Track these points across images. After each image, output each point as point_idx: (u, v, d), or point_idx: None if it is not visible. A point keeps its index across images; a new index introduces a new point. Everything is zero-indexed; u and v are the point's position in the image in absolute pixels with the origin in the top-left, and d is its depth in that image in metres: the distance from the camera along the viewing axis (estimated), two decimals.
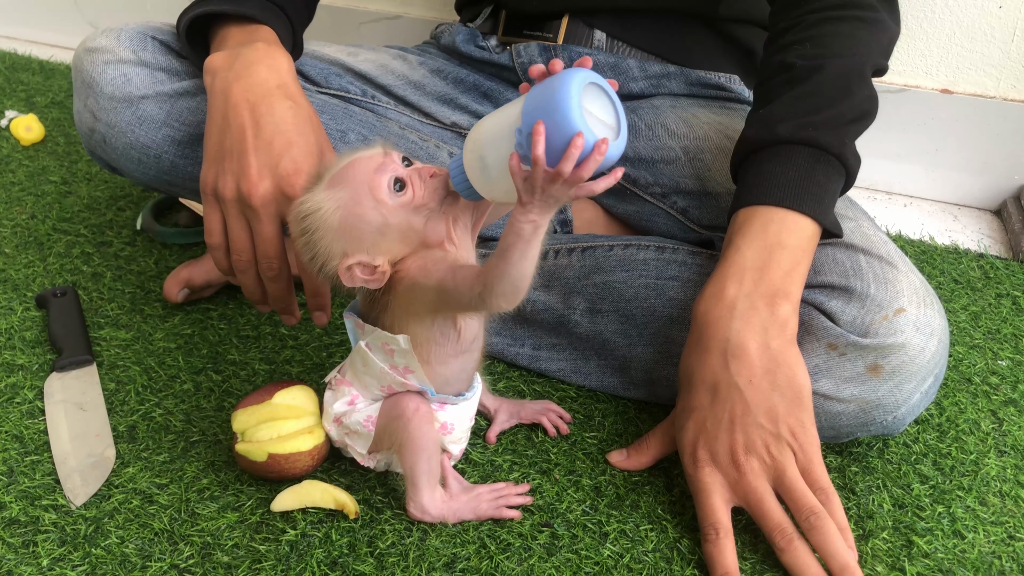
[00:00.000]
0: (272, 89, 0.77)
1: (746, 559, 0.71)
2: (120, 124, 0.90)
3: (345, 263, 0.66)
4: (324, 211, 0.66)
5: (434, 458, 0.73)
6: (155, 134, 0.90)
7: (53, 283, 1.05)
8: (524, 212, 0.58)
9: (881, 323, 0.73)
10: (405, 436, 0.72)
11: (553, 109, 0.56)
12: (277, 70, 0.79)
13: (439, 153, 1.01)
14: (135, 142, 0.90)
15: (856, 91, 0.80)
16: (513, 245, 0.59)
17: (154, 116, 0.90)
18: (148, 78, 0.90)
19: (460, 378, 0.74)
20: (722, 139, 0.96)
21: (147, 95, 0.90)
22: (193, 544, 0.71)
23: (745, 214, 0.77)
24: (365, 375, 0.73)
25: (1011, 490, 0.80)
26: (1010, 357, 0.98)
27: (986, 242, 1.25)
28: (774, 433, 0.71)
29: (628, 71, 1.03)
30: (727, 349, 0.72)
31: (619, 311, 0.87)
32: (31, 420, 0.84)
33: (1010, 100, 1.30)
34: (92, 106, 0.91)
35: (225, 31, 0.85)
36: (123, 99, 0.89)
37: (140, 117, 0.90)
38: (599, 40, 1.03)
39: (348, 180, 0.66)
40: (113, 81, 0.90)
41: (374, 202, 0.65)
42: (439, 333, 0.70)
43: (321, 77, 1.01)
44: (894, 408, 0.74)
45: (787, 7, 0.87)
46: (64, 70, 1.75)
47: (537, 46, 1.03)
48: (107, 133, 0.91)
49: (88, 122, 0.92)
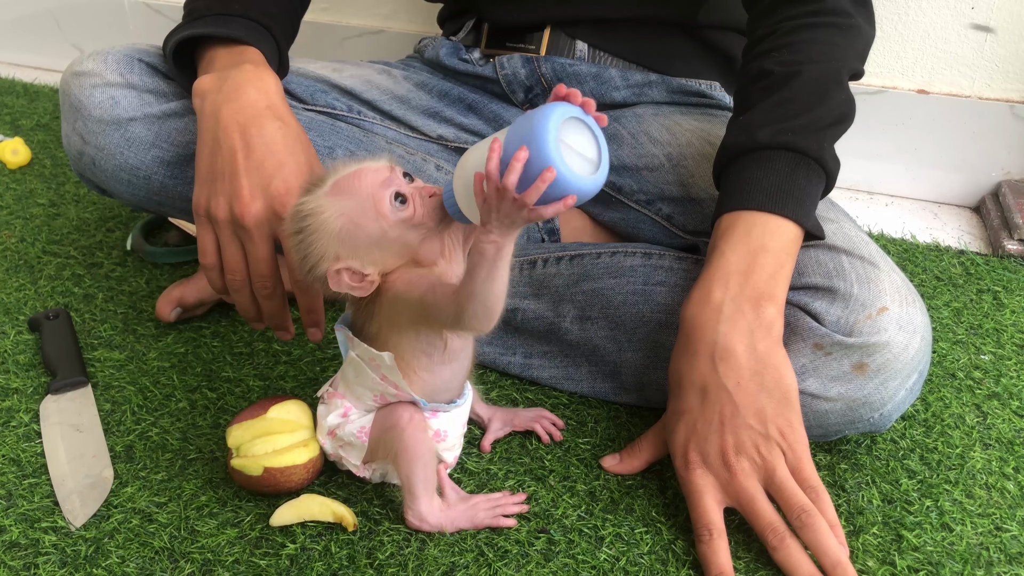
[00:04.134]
0: (261, 110, 0.78)
1: (740, 558, 0.72)
2: (109, 147, 0.91)
3: (335, 267, 0.67)
4: (326, 216, 0.67)
5: (430, 466, 0.74)
6: (144, 155, 0.91)
7: (45, 306, 1.05)
8: (485, 232, 0.60)
9: (865, 322, 0.75)
10: (400, 446, 0.73)
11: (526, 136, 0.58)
12: (265, 91, 0.80)
13: (426, 166, 1.02)
14: (124, 164, 0.91)
15: (834, 95, 0.82)
16: (478, 265, 0.61)
17: (143, 138, 0.91)
18: (136, 100, 0.91)
19: (450, 386, 0.75)
20: (704, 145, 0.97)
21: (135, 117, 0.91)
22: (194, 561, 0.72)
23: (729, 219, 0.78)
24: (358, 386, 0.74)
25: (997, 482, 0.81)
26: (992, 352, 1.00)
27: (966, 239, 1.27)
28: (763, 433, 0.72)
29: (610, 80, 1.04)
30: (715, 352, 0.73)
31: (608, 317, 0.88)
32: (28, 443, 0.85)
33: (985, 99, 1.32)
34: (81, 129, 0.92)
35: (212, 53, 0.86)
36: (111, 122, 0.90)
37: (129, 139, 0.91)
38: (581, 51, 1.05)
39: (353, 189, 0.67)
40: (101, 104, 0.90)
41: (376, 214, 0.67)
42: (426, 343, 0.71)
43: (307, 94, 1.02)
44: (880, 405, 0.76)
45: (764, 14, 0.89)
46: (48, 92, 1.76)
47: (520, 58, 1.05)
48: (96, 156, 0.92)
49: (77, 145, 0.93)
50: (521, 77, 1.05)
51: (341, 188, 0.67)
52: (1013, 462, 0.84)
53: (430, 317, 0.67)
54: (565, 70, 1.03)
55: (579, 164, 0.59)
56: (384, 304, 0.69)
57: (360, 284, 0.68)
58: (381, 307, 0.70)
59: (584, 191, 0.59)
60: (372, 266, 0.68)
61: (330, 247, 0.67)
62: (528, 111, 0.60)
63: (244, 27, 0.87)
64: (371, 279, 0.68)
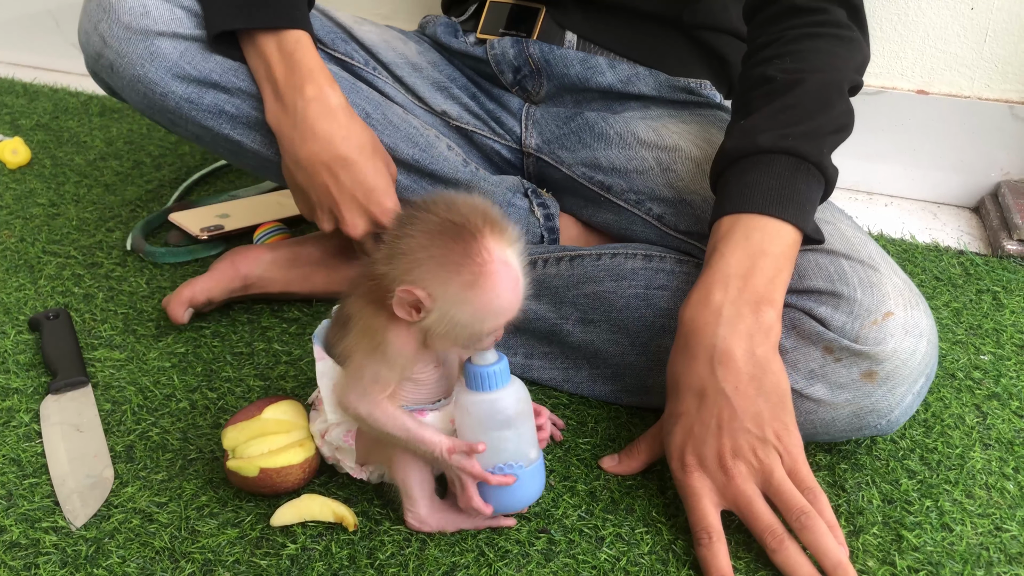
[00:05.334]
0: (338, 144, 0.87)
1: (740, 559, 0.73)
2: (131, 55, 0.89)
3: (417, 289, 0.65)
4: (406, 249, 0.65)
5: (425, 469, 0.74)
6: (165, 73, 0.89)
7: (45, 306, 1.05)
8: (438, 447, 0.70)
9: (871, 328, 0.75)
10: (393, 452, 0.73)
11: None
12: (337, 122, 0.87)
13: (438, 144, 1.01)
14: (143, 76, 0.89)
15: (835, 104, 0.82)
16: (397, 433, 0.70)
17: (167, 54, 0.89)
18: (168, 14, 0.89)
19: (430, 398, 0.74)
20: (692, 149, 0.97)
21: (164, 32, 0.89)
22: (194, 561, 0.72)
23: (728, 222, 0.78)
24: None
25: (997, 482, 0.81)
26: (992, 352, 1.00)
27: (966, 239, 1.27)
28: (760, 437, 0.72)
29: (597, 66, 1.04)
30: (714, 355, 0.73)
31: (611, 321, 0.88)
32: (28, 443, 0.85)
33: (984, 99, 1.32)
34: (104, 31, 0.89)
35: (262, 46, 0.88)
36: (139, 31, 0.88)
37: (153, 53, 0.89)
38: (570, 41, 1.05)
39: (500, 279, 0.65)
40: (132, 10, 0.88)
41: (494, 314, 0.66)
42: None
43: (328, 39, 1.02)
44: (888, 412, 0.76)
45: (766, 22, 0.89)
46: (48, 92, 1.76)
47: (510, 39, 1.04)
48: (116, 61, 0.90)
49: (96, 46, 0.91)
50: (510, 57, 1.05)
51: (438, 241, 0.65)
52: (1013, 462, 0.84)
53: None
54: (553, 52, 1.03)
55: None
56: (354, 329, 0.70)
57: (417, 313, 0.66)
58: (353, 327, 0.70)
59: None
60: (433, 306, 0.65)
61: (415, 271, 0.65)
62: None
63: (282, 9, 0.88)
64: (427, 310, 0.65)
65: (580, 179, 1.02)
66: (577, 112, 1.06)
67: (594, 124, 1.03)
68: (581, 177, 1.02)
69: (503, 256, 0.65)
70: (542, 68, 1.05)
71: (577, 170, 1.02)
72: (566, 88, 1.06)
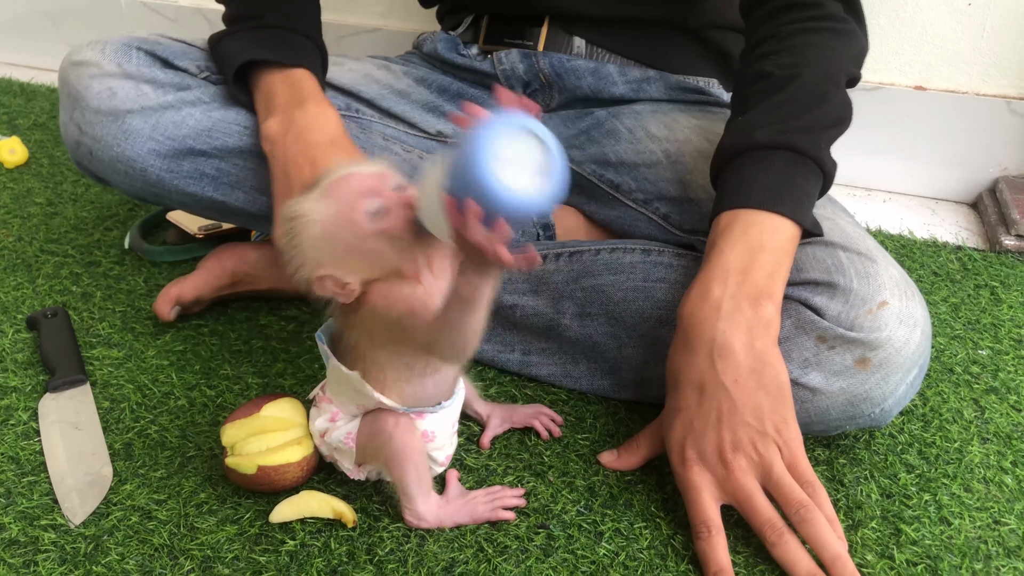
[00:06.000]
0: (327, 148, 0.84)
1: (739, 552, 0.73)
2: (106, 138, 0.91)
3: (319, 272, 0.67)
4: (309, 219, 0.67)
5: (421, 466, 0.74)
6: (140, 148, 0.91)
7: (43, 304, 1.05)
8: (463, 274, 0.60)
9: (866, 317, 0.75)
10: (390, 451, 0.73)
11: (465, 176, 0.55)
12: (329, 130, 0.87)
13: (424, 164, 1.02)
14: (121, 156, 0.91)
15: (832, 98, 0.82)
16: (454, 304, 0.61)
17: (140, 130, 0.91)
18: (133, 91, 0.91)
19: (436, 394, 0.74)
20: (703, 142, 0.97)
21: (132, 109, 0.90)
22: (193, 558, 0.72)
23: (727, 217, 0.78)
24: (338, 395, 0.74)
25: (995, 476, 0.81)
26: (990, 346, 1.00)
27: (963, 234, 1.28)
28: (760, 430, 0.72)
29: (608, 76, 1.04)
30: (713, 349, 0.73)
31: (608, 314, 0.88)
32: (26, 441, 0.85)
33: (982, 95, 1.32)
34: (78, 119, 0.92)
35: (269, 79, 0.91)
36: (109, 113, 0.90)
37: (126, 131, 0.91)
38: (579, 47, 1.05)
39: (336, 195, 0.67)
40: (99, 95, 0.90)
41: (352, 224, 0.66)
42: (405, 356, 0.71)
43: None
44: (881, 400, 0.76)
45: (763, 19, 0.89)
46: (45, 91, 1.75)
47: (518, 53, 1.05)
48: (93, 146, 0.92)
49: (74, 135, 0.93)
50: (520, 72, 1.05)
51: (328, 192, 0.67)
52: (1011, 456, 0.84)
53: (406, 339, 0.67)
54: (563, 65, 1.04)
55: (529, 181, 0.56)
56: (363, 316, 0.69)
57: (342, 291, 0.68)
58: (360, 318, 0.69)
59: (538, 206, 0.56)
60: (352, 275, 0.67)
61: (311, 252, 0.67)
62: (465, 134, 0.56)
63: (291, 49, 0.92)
64: (352, 287, 0.67)
65: (590, 176, 1.02)
66: (587, 112, 1.06)
67: (604, 121, 1.03)
68: (591, 175, 1.01)
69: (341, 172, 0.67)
70: (553, 82, 1.05)
71: (587, 167, 1.02)
72: (577, 99, 1.06)
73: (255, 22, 0.93)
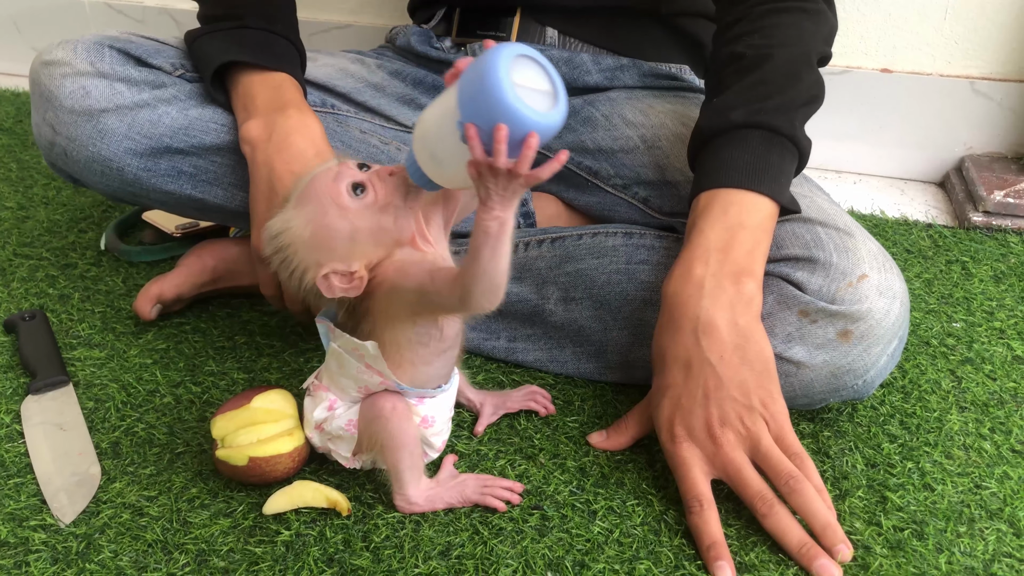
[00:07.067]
0: (311, 158, 0.84)
1: (730, 525, 0.74)
2: (81, 138, 0.90)
3: (321, 273, 0.68)
4: (294, 228, 0.68)
5: (415, 453, 0.74)
6: (116, 147, 0.90)
7: (19, 307, 1.04)
8: (487, 210, 0.60)
9: (846, 289, 0.76)
10: (386, 435, 0.73)
11: (487, 104, 0.56)
12: (312, 139, 0.86)
13: (400, 156, 1.02)
14: (97, 155, 0.90)
15: (804, 77, 0.83)
16: (483, 244, 0.61)
17: (115, 129, 0.90)
18: (107, 90, 0.90)
19: (441, 373, 0.75)
20: (678, 126, 0.98)
21: (107, 108, 0.90)
22: (188, 552, 0.72)
23: (706, 198, 0.80)
24: (341, 377, 0.74)
25: (974, 443, 0.84)
26: (963, 319, 1.02)
27: (933, 213, 1.30)
28: (747, 405, 0.73)
29: (582, 65, 1.05)
30: (698, 327, 0.75)
31: (592, 297, 0.89)
32: (10, 444, 0.83)
33: (946, 76, 1.35)
34: (51, 120, 0.91)
35: (248, 80, 0.90)
36: (83, 112, 0.89)
37: (101, 131, 0.90)
38: (551, 37, 1.05)
39: (311, 195, 0.68)
40: (72, 95, 0.90)
41: (339, 210, 0.67)
42: (422, 334, 0.71)
43: None
44: (864, 372, 0.78)
45: (733, 2, 0.90)
46: (9, 96, 1.73)
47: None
48: (68, 147, 0.91)
49: (48, 136, 0.92)
50: None
51: (301, 199, 0.68)
52: (988, 423, 0.86)
53: (431, 304, 0.67)
54: None
55: (541, 102, 0.58)
56: (379, 299, 0.69)
57: (350, 284, 0.68)
58: (376, 303, 0.70)
59: (556, 126, 0.58)
60: (356, 262, 0.68)
61: (309, 256, 0.68)
62: (469, 68, 0.58)
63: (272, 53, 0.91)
64: (359, 275, 0.68)
65: (568, 164, 1.02)
66: None
67: (579, 109, 1.04)
68: (569, 163, 1.02)
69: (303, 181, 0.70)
70: None
71: None
72: None
73: (234, 22, 0.92)
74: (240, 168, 0.93)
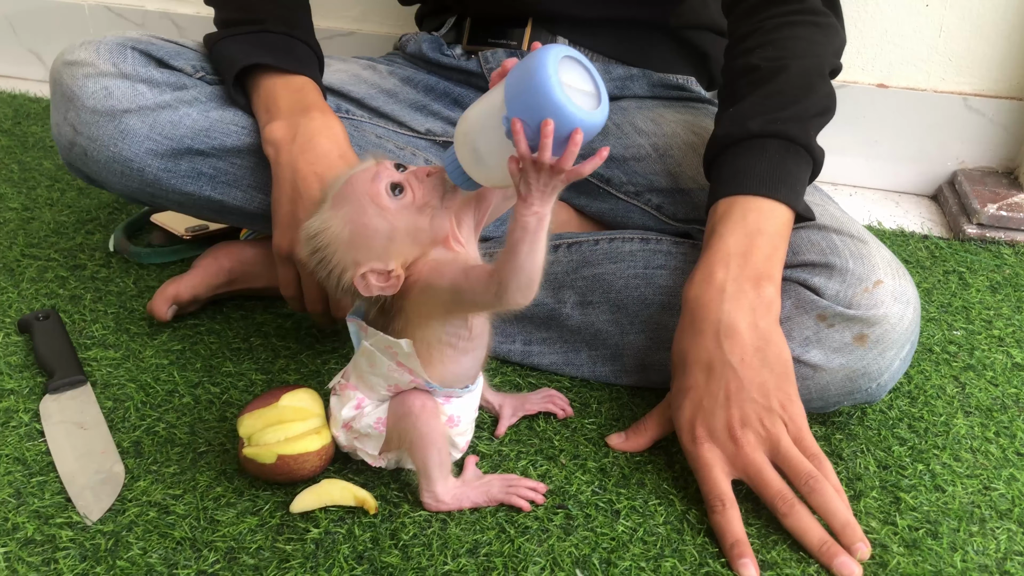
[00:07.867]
0: (335, 160, 0.85)
1: (751, 524, 0.75)
2: (103, 138, 0.90)
3: (359, 271, 0.69)
4: (333, 228, 0.69)
5: (443, 450, 0.75)
6: (137, 148, 0.91)
7: (30, 308, 1.04)
8: (526, 206, 0.61)
9: (863, 295, 0.79)
10: (415, 433, 0.74)
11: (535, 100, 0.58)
12: (336, 141, 0.87)
13: (416, 161, 1.03)
14: (118, 156, 0.91)
15: (817, 88, 0.86)
16: (521, 239, 0.62)
17: (136, 130, 0.91)
18: (129, 91, 0.91)
19: (469, 373, 0.77)
20: (689, 135, 1.01)
21: (129, 109, 0.90)
22: (217, 550, 0.72)
23: (725, 204, 0.82)
24: (371, 376, 0.75)
25: (980, 446, 0.86)
26: (963, 327, 1.05)
27: (928, 224, 1.34)
28: (766, 407, 0.75)
29: None
30: (719, 330, 0.76)
31: (610, 301, 0.91)
32: (31, 442, 0.83)
33: (940, 92, 1.39)
34: (73, 120, 0.91)
35: (270, 83, 0.91)
36: (105, 113, 0.90)
37: (123, 131, 0.90)
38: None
39: (349, 195, 0.69)
40: (95, 95, 0.90)
41: (377, 209, 0.68)
42: (452, 334, 0.72)
43: None
44: (878, 375, 0.80)
45: (746, 15, 0.93)
46: (7, 98, 1.72)
47: (505, 52, 1.07)
48: (89, 147, 0.91)
49: (68, 135, 0.92)
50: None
51: (338, 199, 0.69)
52: (993, 427, 0.89)
53: (465, 301, 0.69)
54: None
55: (586, 102, 0.60)
56: (413, 298, 0.70)
57: (387, 283, 0.69)
58: (409, 301, 0.71)
59: (599, 125, 0.60)
60: (393, 261, 0.69)
61: (347, 256, 0.69)
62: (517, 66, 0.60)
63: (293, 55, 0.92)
64: (396, 274, 0.69)
65: None
66: None
67: None
68: None
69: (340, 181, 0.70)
70: None
71: None
72: None
73: (255, 26, 0.93)
74: (259, 170, 0.94)
